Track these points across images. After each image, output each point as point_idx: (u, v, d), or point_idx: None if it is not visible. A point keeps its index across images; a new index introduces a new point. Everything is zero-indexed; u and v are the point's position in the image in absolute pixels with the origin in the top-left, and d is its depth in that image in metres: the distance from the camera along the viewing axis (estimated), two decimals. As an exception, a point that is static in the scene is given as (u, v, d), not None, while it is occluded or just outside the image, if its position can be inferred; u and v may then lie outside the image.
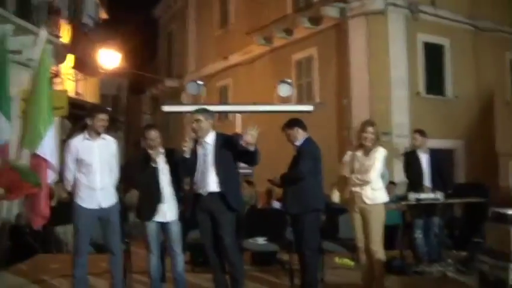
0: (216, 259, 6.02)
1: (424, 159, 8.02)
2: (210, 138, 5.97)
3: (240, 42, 18.83)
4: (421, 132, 8.11)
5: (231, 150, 5.88)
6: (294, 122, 6.42)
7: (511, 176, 15.36)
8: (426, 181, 7.93)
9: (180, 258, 6.22)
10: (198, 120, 5.92)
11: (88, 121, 6.03)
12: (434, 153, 8.16)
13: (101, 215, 6.02)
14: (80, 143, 6.04)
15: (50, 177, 6.44)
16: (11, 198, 5.53)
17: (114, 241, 6.13)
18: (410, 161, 8.15)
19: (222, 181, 5.82)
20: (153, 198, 6.08)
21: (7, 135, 6.42)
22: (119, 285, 6.19)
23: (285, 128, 6.42)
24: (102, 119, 6.02)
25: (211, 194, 5.82)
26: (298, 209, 6.13)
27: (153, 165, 6.05)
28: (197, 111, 6.13)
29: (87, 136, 6.06)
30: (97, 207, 5.96)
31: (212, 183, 5.83)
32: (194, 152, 5.97)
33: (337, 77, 15.47)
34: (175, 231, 6.15)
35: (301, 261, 6.23)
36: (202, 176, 5.89)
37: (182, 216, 6.24)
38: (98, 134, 6.04)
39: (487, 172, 14.61)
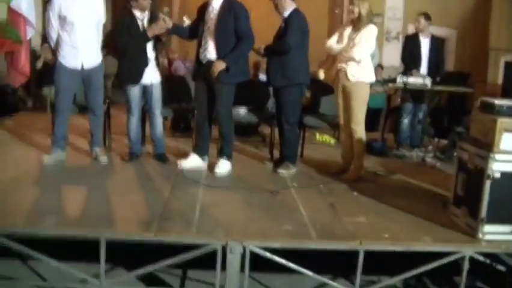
0: (205, 127, 6.02)
1: (424, 44, 7.85)
2: (217, 2, 5.73)
3: None
4: (426, 16, 7.86)
5: (233, 16, 5.67)
6: None
7: (501, 71, 15.25)
8: (423, 67, 7.82)
9: (159, 121, 6.25)
10: None
11: None
12: (435, 39, 7.98)
13: (83, 75, 5.92)
14: None
15: (29, 33, 6.22)
16: None
17: (95, 101, 6.11)
18: (409, 45, 7.97)
19: (221, 49, 5.66)
20: (140, 62, 5.94)
21: None
22: (98, 143, 6.25)
23: None
24: None
25: (210, 62, 5.69)
26: (281, 81, 5.99)
27: (149, 37, 5.86)
28: None
29: None
30: (79, 67, 5.85)
31: (211, 51, 5.69)
32: (201, 16, 5.78)
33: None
34: (157, 93, 6.12)
35: (281, 134, 6.21)
36: (204, 42, 5.74)
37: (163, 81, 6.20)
38: None
39: (477, 65, 14.41)
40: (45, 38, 11.65)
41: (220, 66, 5.55)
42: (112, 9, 22.81)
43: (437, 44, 8.03)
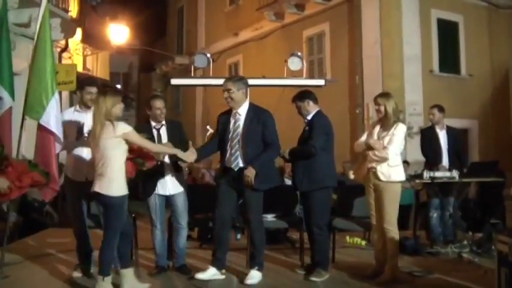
0: (225, 236, 5.91)
1: (441, 136, 7.82)
2: (243, 109, 5.79)
3: (251, 18, 18.53)
4: (439, 108, 7.88)
5: (261, 124, 5.73)
6: (305, 94, 6.21)
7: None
8: (444, 159, 7.74)
9: (184, 232, 6.14)
10: (228, 91, 5.72)
11: (78, 93, 6.02)
12: (451, 130, 7.95)
13: (88, 189, 5.88)
14: (70, 115, 6.01)
15: (57, 149, 6.30)
16: (17, 193, 5.38)
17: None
18: (427, 137, 7.94)
19: (250, 158, 5.65)
20: (153, 173, 5.92)
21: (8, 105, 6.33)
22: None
23: (295, 100, 6.20)
24: (90, 91, 5.91)
25: (242, 169, 5.67)
26: (309, 186, 5.95)
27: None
28: (228, 79, 5.90)
29: (77, 108, 6.01)
30: (83, 180, 5.78)
31: (241, 159, 5.68)
32: (225, 123, 5.81)
33: (349, 53, 15.18)
34: (180, 203, 6.06)
35: (311, 239, 6.07)
36: (233, 150, 5.73)
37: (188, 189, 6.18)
38: (88, 106, 5.90)
39: (502, 152, 14.35)
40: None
41: (252, 173, 5.52)
42: (137, 121, 23.52)
43: (454, 134, 7.98)
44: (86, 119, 5.83)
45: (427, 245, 7.49)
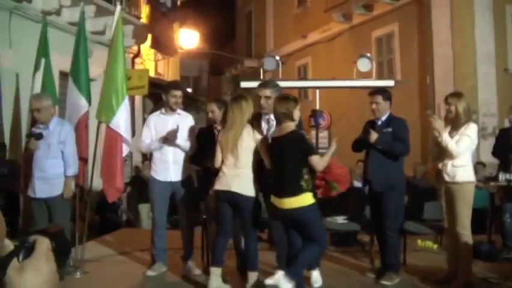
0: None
1: None
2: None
3: (319, 20, 18.46)
4: None
5: None
6: (390, 96, 6.15)
7: None
8: None
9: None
10: (267, 97, 5.60)
11: (163, 97, 6.26)
12: None
13: (173, 187, 6.17)
14: (156, 118, 6.31)
15: (125, 151, 6.50)
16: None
17: (179, 214, 6.34)
18: (501, 139, 7.70)
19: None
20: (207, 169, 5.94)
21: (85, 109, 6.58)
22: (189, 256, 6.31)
23: (379, 96, 6.07)
24: (174, 95, 6.18)
25: None
26: (384, 186, 5.88)
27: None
28: (265, 85, 5.82)
29: (163, 111, 6.30)
30: (168, 180, 6.12)
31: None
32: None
33: (419, 53, 14.89)
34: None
35: (382, 242, 6.01)
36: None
37: None
38: (173, 109, 6.19)
39: None
40: (145, 156, 12.27)
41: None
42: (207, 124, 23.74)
43: None
44: (171, 121, 6.14)
45: (503, 251, 7.23)
